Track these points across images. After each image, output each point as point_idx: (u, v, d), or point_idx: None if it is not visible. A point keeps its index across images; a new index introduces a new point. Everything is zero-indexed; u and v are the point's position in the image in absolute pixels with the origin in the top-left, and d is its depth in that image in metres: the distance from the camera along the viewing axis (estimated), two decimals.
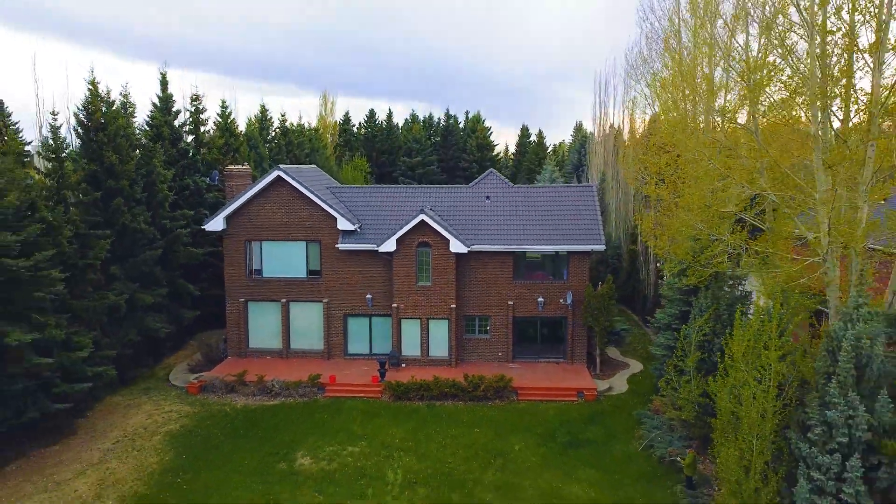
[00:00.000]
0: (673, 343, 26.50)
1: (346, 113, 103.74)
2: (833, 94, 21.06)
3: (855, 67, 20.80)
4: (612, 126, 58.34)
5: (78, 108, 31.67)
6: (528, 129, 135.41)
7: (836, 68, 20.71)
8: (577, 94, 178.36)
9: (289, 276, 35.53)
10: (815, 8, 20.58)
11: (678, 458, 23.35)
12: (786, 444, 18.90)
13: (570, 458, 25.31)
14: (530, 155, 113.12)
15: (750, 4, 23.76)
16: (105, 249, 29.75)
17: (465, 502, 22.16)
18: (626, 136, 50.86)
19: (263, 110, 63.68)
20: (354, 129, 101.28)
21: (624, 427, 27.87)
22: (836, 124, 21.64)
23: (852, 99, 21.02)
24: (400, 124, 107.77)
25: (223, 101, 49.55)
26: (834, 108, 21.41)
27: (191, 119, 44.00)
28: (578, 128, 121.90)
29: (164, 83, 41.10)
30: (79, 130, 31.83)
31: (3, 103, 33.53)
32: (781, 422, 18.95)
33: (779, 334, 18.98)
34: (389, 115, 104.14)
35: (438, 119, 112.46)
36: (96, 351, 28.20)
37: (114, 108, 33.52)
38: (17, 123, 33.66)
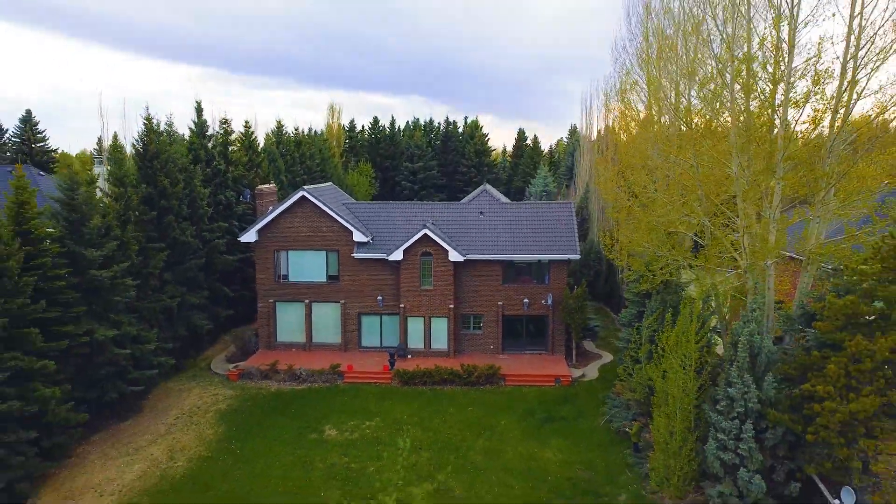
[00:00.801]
0: (631, 337, 32.46)
1: (352, 120, 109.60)
2: (748, 147, 27.01)
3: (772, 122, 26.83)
4: (595, 140, 64.11)
5: (135, 140, 37.66)
6: (524, 133, 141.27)
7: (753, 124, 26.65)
8: (577, 87, 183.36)
9: (311, 280, 41.50)
10: (738, 76, 26.60)
11: (628, 429, 29.33)
12: (701, 414, 24.89)
13: (545, 430, 31.32)
14: (526, 159, 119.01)
15: (689, 69, 29.73)
16: (162, 260, 35.75)
17: (459, 462, 28.16)
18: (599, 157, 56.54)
19: (280, 125, 69.62)
20: (359, 134, 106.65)
21: (591, 406, 33.86)
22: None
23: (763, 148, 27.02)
24: (402, 126, 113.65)
25: (246, 122, 55.56)
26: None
27: (220, 140, 49.89)
28: (573, 131, 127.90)
29: (199, 111, 47.03)
30: (136, 158, 37.78)
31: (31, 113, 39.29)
32: (699, 397, 24.93)
33: (697, 330, 24.96)
34: (392, 122, 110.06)
35: (439, 123, 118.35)
36: (159, 344, 34.21)
37: (162, 137, 39.47)
38: (44, 132, 39.53)
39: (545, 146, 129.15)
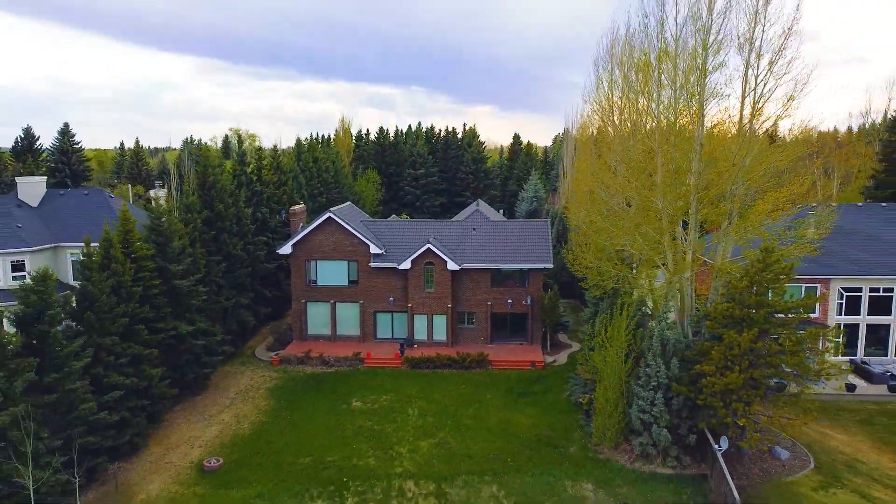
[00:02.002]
0: (588, 332, 41.66)
1: (359, 131, 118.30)
2: (670, 190, 36.17)
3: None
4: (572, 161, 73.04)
5: (197, 171, 46.75)
6: (519, 137, 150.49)
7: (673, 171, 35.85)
8: (579, 79, 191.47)
9: (335, 284, 50.71)
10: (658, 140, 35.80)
11: (581, 400, 38.60)
12: (628, 387, 34.16)
13: (520, 402, 40.62)
14: (520, 164, 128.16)
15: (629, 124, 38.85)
16: (221, 271, 45.00)
17: (454, 424, 37.46)
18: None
19: (299, 143, 78.57)
20: (365, 143, 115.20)
21: (558, 384, 43.13)
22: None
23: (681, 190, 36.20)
24: (404, 129, 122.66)
25: (274, 146, 64.81)
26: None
27: (255, 165, 58.98)
28: (565, 134, 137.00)
29: (239, 142, 56.31)
30: (197, 188, 46.91)
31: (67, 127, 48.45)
32: (627, 374, 34.18)
33: (627, 325, 34.19)
34: (397, 132, 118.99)
35: (439, 130, 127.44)
36: (221, 336, 43.51)
37: (217, 168, 48.61)
38: (80, 143, 48.40)
39: (546, 140, 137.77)
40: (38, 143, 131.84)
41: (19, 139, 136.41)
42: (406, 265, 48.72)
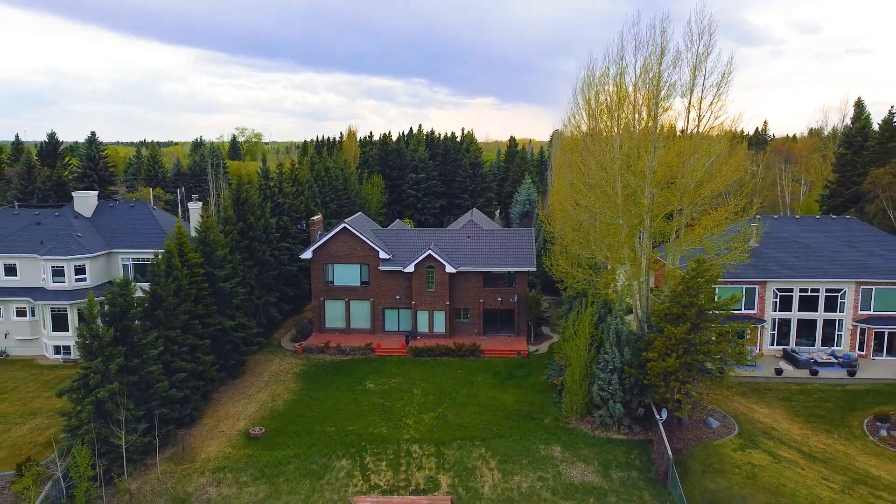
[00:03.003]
0: (563, 325, 49.50)
1: (365, 136, 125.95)
2: (628, 209, 43.95)
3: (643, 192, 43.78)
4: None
5: (231, 190, 54.44)
6: (515, 140, 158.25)
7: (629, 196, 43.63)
8: (577, 69, 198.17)
9: (349, 284, 58.52)
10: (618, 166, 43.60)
11: (556, 382, 46.48)
12: (591, 370, 42.04)
13: (506, 384, 48.51)
14: (515, 167, 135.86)
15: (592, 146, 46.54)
16: (253, 274, 52.85)
17: (451, 401, 45.32)
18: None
19: (314, 157, 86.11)
20: (370, 149, 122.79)
21: (539, 369, 50.99)
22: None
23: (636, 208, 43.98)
24: (405, 132, 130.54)
25: (293, 160, 72.29)
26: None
27: (277, 180, 66.69)
28: (558, 135, 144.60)
29: (264, 160, 63.81)
30: (231, 204, 54.68)
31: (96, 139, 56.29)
32: (590, 360, 42.04)
33: (591, 319, 42.04)
34: (401, 136, 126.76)
35: (439, 133, 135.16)
36: (256, 329, 51.39)
37: (250, 184, 56.37)
38: (105, 149, 56.17)
39: (545, 134, 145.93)
40: (62, 147, 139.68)
41: (44, 144, 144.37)
42: (410, 268, 56.51)
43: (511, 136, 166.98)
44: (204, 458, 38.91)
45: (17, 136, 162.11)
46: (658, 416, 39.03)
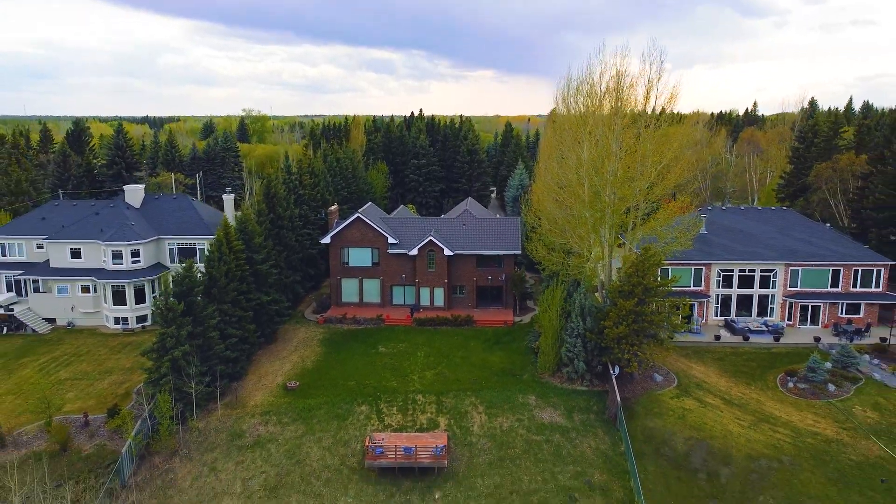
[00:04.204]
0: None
1: (370, 123, 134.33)
2: (594, 205, 53.34)
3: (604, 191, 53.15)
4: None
5: (262, 183, 63.72)
6: (510, 125, 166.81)
7: (598, 191, 53.00)
8: (587, 44, 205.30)
9: (362, 265, 68.02)
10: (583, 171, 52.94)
11: (534, 346, 56.21)
12: (561, 335, 51.73)
13: (494, 348, 58.28)
14: (511, 151, 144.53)
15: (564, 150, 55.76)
16: (283, 257, 62.38)
17: (448, 362, 55.11)
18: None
19: (327, 150, 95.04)
20: (374, 137, 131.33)
21: (521, 336, 60.69)
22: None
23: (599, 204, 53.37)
24: (407, 116, 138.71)
25: (309, 155, 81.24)
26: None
27: (297, 173, 75.83)
28: (552, 117, 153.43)
29: (286, 159, 72.84)
30: (263, 197, 63.98)
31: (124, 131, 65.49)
32: (560, 328, 51.70)
33: (561, 295, 51.64)
34: (401, 127, 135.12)
35: (439, 120, 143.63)
36: (286, 303, 61.07)
37: (277, 181, 65.62)
38: (130, 139, 65.36)
39: (545, 109, 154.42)
40: (87, 135, 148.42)
41: (69, 130, 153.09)
42: (414, 252, 65.99)
43: (507, 123, 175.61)
44: (252, 404, 48.89)
45: (44, 124, 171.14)
46: (612, 372, 48.85)
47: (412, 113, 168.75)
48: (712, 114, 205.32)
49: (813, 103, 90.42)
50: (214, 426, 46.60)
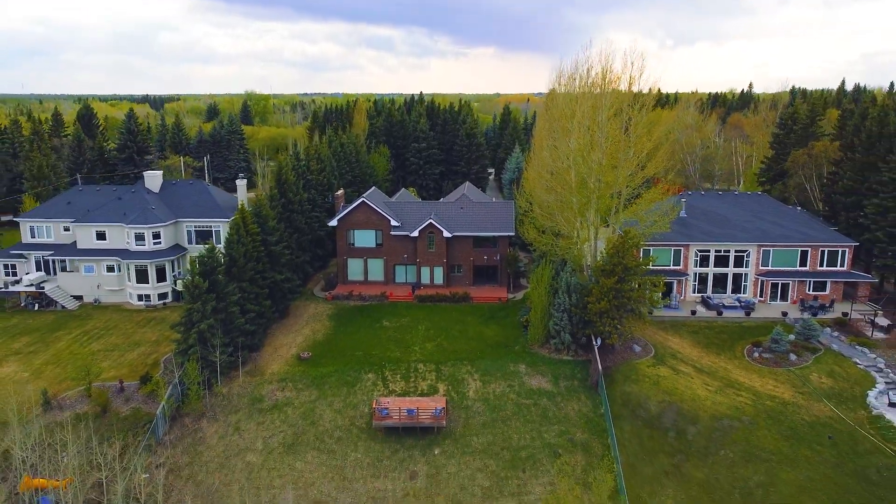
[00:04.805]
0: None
1: (371, 107, 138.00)
2: (580, 189, 57.91)
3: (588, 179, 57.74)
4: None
5: (277, 175, 68.19)
6: (509, 107, 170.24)
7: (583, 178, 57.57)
8: (583, 19, 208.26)
9: (367, 245, 72.62)
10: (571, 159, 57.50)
11: (524, 319, 61.06)
12: (549, 310, 56.58)
13: (489, 322, 63.16)
14: (508, 133, 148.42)
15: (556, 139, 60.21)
16: (294, 239, 67.07)
17: (447, 335, 60.01)
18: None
19: (332, 136, 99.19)
20: (376, 120, 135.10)
21: (514, 311, 65.50)
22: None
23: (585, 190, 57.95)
24: (406, 100, 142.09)
25: (316, 142, 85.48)
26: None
27: (306, 160, 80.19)
28: (551, 94, 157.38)
29: (295, 148, 77.09)
30: (275, 183, 68.46)
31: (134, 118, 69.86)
32: (548, 304, 56.52)
33: (549, 273, 56.41)
34: (402, 111, 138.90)
35: (439, 104, 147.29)
36: (297, 281, 65.88)
37: (288, 169, 70.08)
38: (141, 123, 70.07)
39: (543, 87, 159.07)
40: (95, 119, 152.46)
41: (80, 113, 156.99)
42: (415, 233, 70.62)
43: (506, 105, 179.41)
44: (270, 372, 53.92)
45: (55, 108, 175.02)
46: (595, 343, 53.78)
47: (412, 97, 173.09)
48: (708, 94, 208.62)
49: (794, 91, 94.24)
50: (237, 391, 51.66)
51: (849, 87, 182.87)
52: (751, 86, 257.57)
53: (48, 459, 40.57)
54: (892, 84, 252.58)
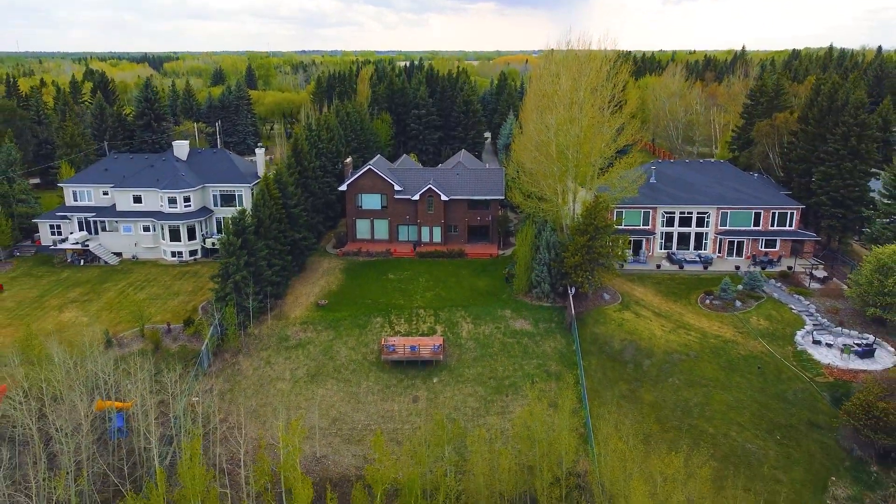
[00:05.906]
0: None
1: (374, 74, 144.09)
2: (560, 160, 65.89)
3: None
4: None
5: (293, 145, 75.85)
6: (505, 74, 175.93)
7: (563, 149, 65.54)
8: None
9: (373, 208, 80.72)
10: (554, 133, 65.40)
11: (507, 272, 69.55)
12: (531, 264, 65.05)
13: (481, 275, 71.68)
14: (504, 99, 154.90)
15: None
16: (308, 202, 75.19)
17: (444, 286, 68.57)
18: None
19: (338, 106, 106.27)
20: (379, 87, 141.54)
21: (503, 266, 73.93)
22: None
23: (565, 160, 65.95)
24: (407, 72, 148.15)
25: (326, 113, 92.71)
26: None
27: (317, 130, 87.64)
28: (548, 55, 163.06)
29: (308, 121, 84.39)
30: (292, 153, 76.23)
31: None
32: (531, 258, 64.97)
33: (532, 232, 64.75)
34: (402, 78, 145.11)
35: (438, 70, 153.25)
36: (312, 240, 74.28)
37: (303, 139, 77.74)
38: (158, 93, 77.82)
39: (543, 44, 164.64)
40: (112, 85, 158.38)
41: (97, 80, 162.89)
42: (416, 197, 78.67)
43: (502, 72, 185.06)
44: (293, 317, 62.72)
45: (73, 76, 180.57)
46: (570, 292, 62.46)
47: (412, 63, 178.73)
48: (705, 55, 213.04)
49: (763, 65, 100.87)
50: (266, 332, 60.52)
51: (854, 46, 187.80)
52: (743, 48, 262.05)
53: (118, 385, 49.57)
54: (879, 48, 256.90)
